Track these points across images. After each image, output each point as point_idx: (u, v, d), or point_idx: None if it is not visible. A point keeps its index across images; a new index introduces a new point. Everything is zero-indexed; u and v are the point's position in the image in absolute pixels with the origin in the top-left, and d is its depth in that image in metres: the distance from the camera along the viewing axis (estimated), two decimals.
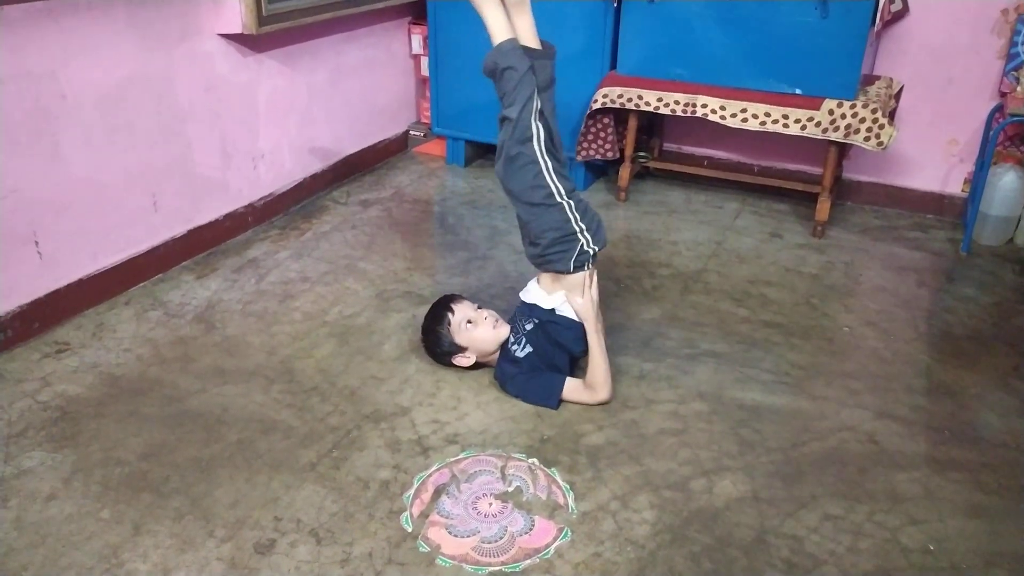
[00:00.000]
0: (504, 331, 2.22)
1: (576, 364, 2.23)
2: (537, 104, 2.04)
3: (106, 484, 1.83)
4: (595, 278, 2.17)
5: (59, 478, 1.85)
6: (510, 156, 2.07)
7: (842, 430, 2.05)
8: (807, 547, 1.69)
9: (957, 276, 2.89)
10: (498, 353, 2.21)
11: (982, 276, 2.89)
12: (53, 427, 2.01)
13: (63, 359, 2.29)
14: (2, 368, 2.24)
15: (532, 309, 2.19)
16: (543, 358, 2.15)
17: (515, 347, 2.18)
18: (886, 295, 2.74)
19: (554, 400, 2.11)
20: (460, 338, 2.19)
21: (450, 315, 2.20)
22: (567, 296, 2.15)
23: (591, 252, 2.13)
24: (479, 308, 2.25)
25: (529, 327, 2.17)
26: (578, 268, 2.12)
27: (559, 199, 2.08)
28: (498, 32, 2.07)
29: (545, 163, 2.06)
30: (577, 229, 2.10)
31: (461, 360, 2.23)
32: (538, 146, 2.05)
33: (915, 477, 1.89)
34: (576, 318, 2.16)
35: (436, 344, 2.23)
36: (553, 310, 2.17)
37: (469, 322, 2.19)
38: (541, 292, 2.20)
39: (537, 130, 2.04)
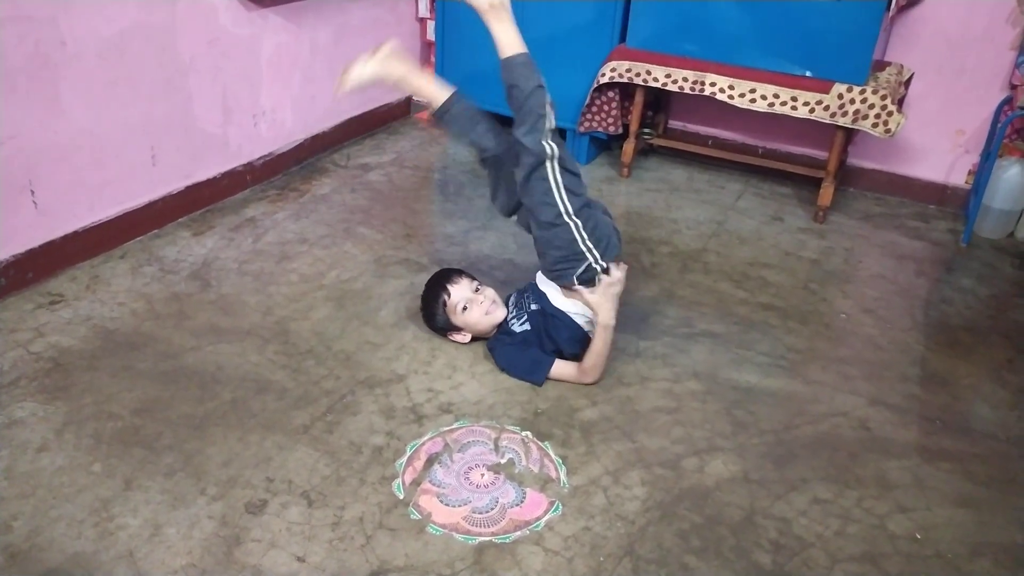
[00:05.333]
0: (499, 315, 2.20)
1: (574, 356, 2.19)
2: (550, 123, 1.98)
3: (98, 437, 1.83)
4: (622, 274, 2.09)
5: (51, 429, 1.84)
6: (524, 174, 2.01)
7: (835, 415, 2.06)
8: (795, 529, 1.70)
9: (956, 267, 2.89)
10: (496, 330, 2.21)
11: (981, 268, 2.89)
12: (45, 378, 2.00)
13: (57, 310, 2.28)
14: None
15: (541, 297, 2.16)
16: (537, 339, 2.14)
17: (514, 321, 2.17)
18: (884, 283, 2.74)
19: (540, 376, 2.10)
20: (456, 319, 2.19)
21: (446, 297, 2.18)
22: (581, 291, 2.08)
23: (599, 268, 2.05)
24: (478, 289, 2.21)
25: (534, 307, 2.16)
26: (584, 283, 2.06)
27: (567, 219, 2.01)
28: (509, 44, 2.04)
29: (556, 181, 1.99)
30: (584, 249, 2.02)
31: (457, 338, 2.23)
32: (551, 164, 1.98)
33: (905, 465, 1.90)
34: (579, 321, 2.13)
35: (432, 321, 2.23)
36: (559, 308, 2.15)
37: (465, 308, 2.17)
38: (554, 287, 2.15)
39: (552, 149, 1.97)
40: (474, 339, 2.24)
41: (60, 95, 2.33)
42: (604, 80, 3.23)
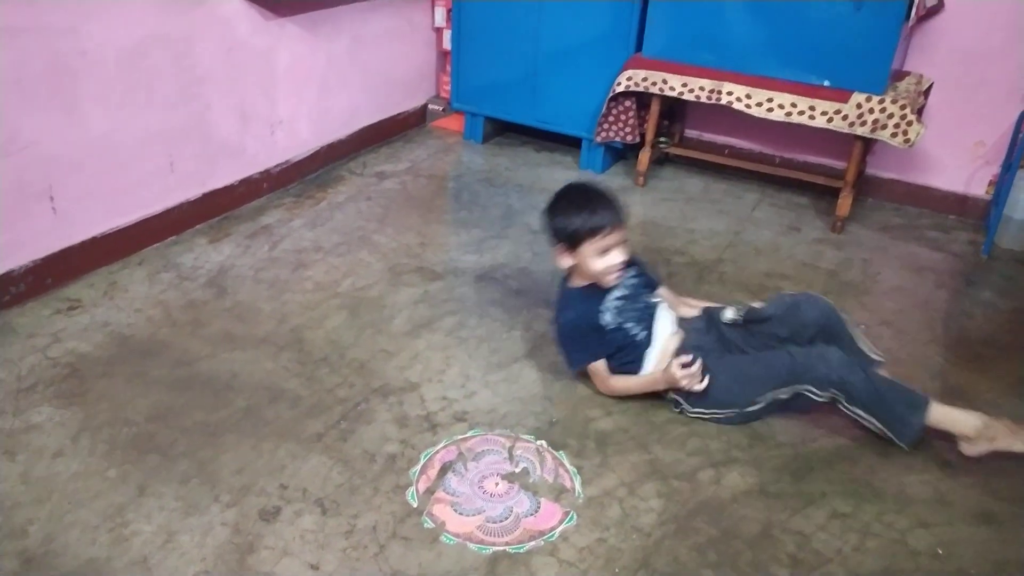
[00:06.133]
0: (610, 280, 2.00)
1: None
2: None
3: (113, 444, 1.83)
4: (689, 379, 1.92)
5: (67, 435, 1.84)
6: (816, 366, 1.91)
7: (853, 428, 2.02)
8: (813, 544, 1.68)
9: (976, 279, 2.86)
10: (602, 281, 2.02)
11: (1001, 281, 2.85)
12: (62, 383, 2.01)
13: (74, 316, 2.29)
14: (13, 322, 2.24)
15: (651, 336, 2.05)
16: (608, 346, 2.03)
17: (608, 313, 2.00)
18: (903, 295, 2.71)
19: (578, 367, 2.04)
20: (580, 248, 1.96)
21: (599, 237, 1.93)
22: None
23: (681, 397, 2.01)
24: (622, 245, 1.98)
25: (640, 336, 2.04)
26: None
27: (750, 403, 1.96)
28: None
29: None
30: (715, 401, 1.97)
31: (561, 260, 2.03)
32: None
33: (926, 479, 1.87)
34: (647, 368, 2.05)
35: (558, 227, 1.97)
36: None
37: (602, 254, 1.95)
38: (662, 348, 2.05)
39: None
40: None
41: (79, 103, 2.35)
42: (620, 89, 3.23)
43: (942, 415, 1.89)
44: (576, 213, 1.95)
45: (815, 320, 2.03)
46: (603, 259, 1.96)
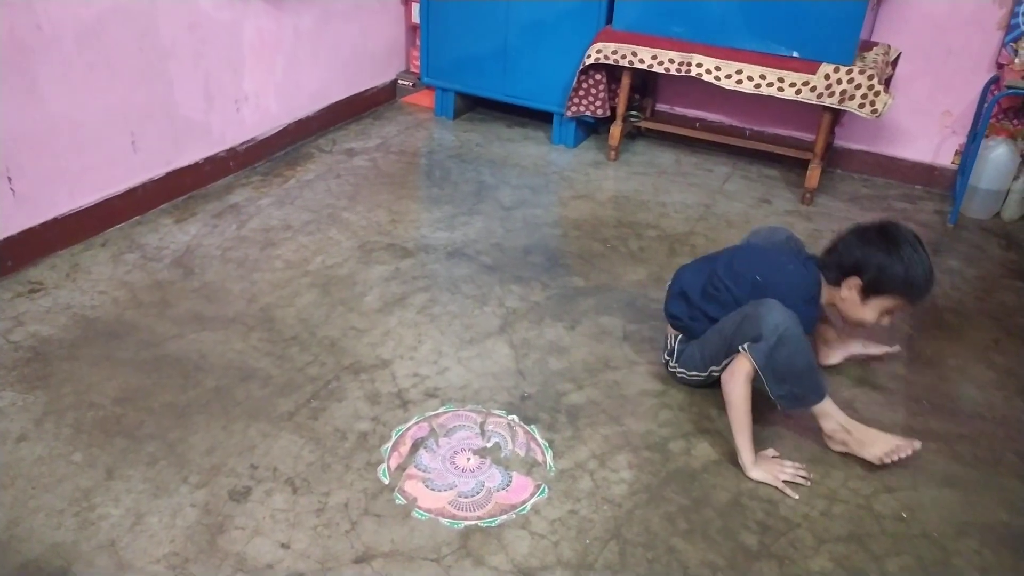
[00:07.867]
0: (850, 333, 2.09)
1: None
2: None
3: (78, 427, 1.80)
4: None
5: (30, 419, 1.81)
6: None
7: None
8: (781, 510, 1.70)
9: (943, 248, 2.89)
10: (850, 325, 1.97)
11: (968, 249, 2.89)
12: (25, 367, 1.98)
13: (36, 299, 2.24)
14: None
15: None
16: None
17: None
18: None
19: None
20: (872, 297, 1.86)
21: (907, 299, 1.86)
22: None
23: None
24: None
25: None
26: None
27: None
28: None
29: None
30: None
31: (846, 290, 1.88)
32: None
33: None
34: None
35: (892, 271, 1.81)
36: None
37: (887, 312, 1.88)
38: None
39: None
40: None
41: (37, 80, 2.29)
42: (590, 61, 3.21)
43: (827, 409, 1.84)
44: (918, 273, 1.83)
45: (785, 236, 2.08)
46: (880, 318, 1.90)
